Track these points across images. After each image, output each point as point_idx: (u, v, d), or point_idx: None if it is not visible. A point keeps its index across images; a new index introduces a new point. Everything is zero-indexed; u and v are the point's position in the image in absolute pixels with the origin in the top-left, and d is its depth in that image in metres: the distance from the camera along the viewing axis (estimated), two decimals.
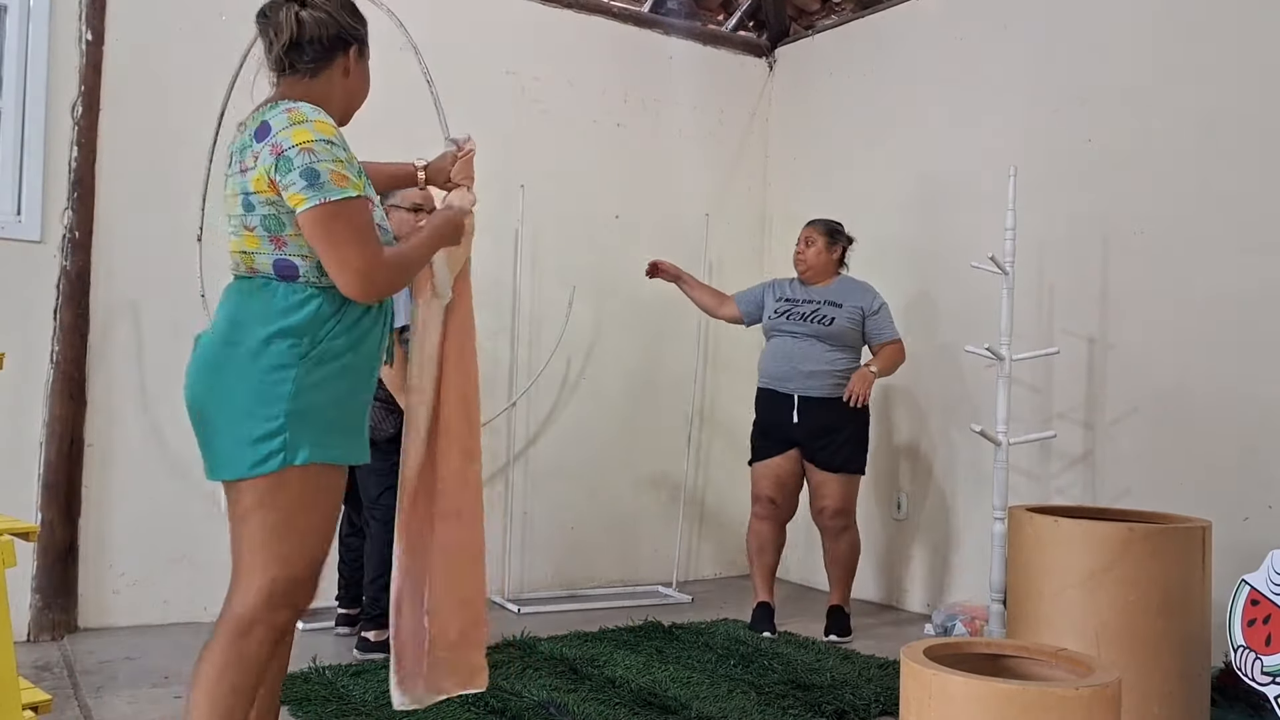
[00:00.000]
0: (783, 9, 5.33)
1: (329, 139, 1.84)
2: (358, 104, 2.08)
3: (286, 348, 1.86)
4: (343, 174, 1.84)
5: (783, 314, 3.96)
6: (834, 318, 3.88)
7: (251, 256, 1.91)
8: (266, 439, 1.84)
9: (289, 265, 1.88)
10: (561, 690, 3.03)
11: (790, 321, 3.93)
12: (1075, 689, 1.70)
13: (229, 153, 1.96)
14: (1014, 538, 2.88)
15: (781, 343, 3.95)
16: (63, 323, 3.63)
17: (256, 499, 1.89)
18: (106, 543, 3.71)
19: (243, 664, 1.88)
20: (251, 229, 1.89)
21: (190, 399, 1.94)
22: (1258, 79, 3.42)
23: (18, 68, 3.60)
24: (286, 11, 1.91)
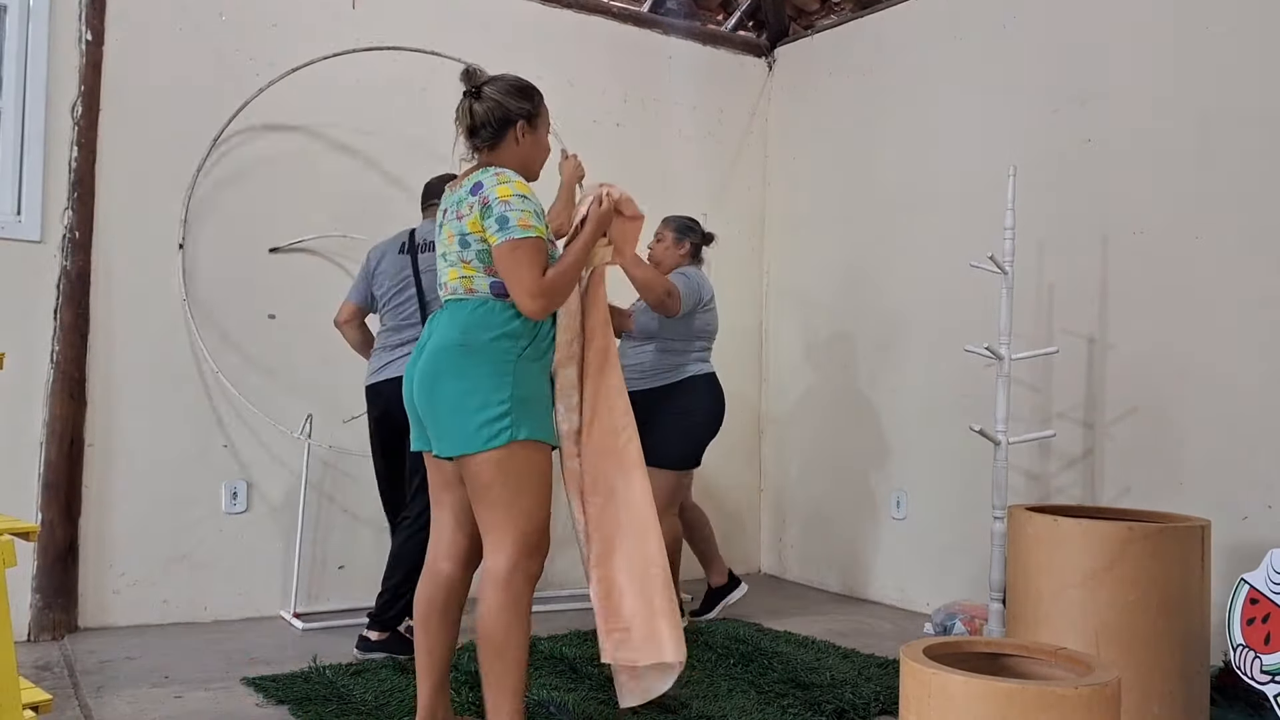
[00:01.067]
0: (782, 9, 5.33)
1: (522, 194, 2.41)
2: (535, 165, 2.60)
3: (508, 349, 2.37)
4: (527, 221, 2.37)
5: None
6: (635, 314, 3.70)
7: (470, 280, 2.42)
8: (497, 420, 2.32)
9: (502, 287, 2.40)
10: (561, 689, 3.03)
11: None
12: (1075, 688, 1.70)
13: (444, 205, 2.53)
14: (1014, 537, 2.88)
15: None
16: (63, 322, 3.63)
17: (492, 471, 2.34)
18: (107, 542, 3.71)
19: (515, 605, 2.36)
20: (468, 261, 2.42)
21: (418, 393, 2.42)
22: (1258, 79, 3.43)
23: (18, 68, 3.60)
24: (463, 104, 2.55)
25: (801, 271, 5.17)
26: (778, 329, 5.25)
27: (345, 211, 4.18)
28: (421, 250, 3.46)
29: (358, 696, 2.94)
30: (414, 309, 3.42)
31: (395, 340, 3.45)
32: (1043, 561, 2.70)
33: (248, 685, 3.07)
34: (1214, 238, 3.50)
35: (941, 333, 4.37)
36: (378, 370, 3.47)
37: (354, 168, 4.22)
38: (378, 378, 3.45)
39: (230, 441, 3.94)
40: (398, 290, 3.45)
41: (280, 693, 2.97)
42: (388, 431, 3.46)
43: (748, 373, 5.23)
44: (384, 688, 3.02)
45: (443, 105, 4.29)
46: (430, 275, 3.40)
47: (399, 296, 3.45)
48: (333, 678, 3.11)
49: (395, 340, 3.45)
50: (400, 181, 4.30)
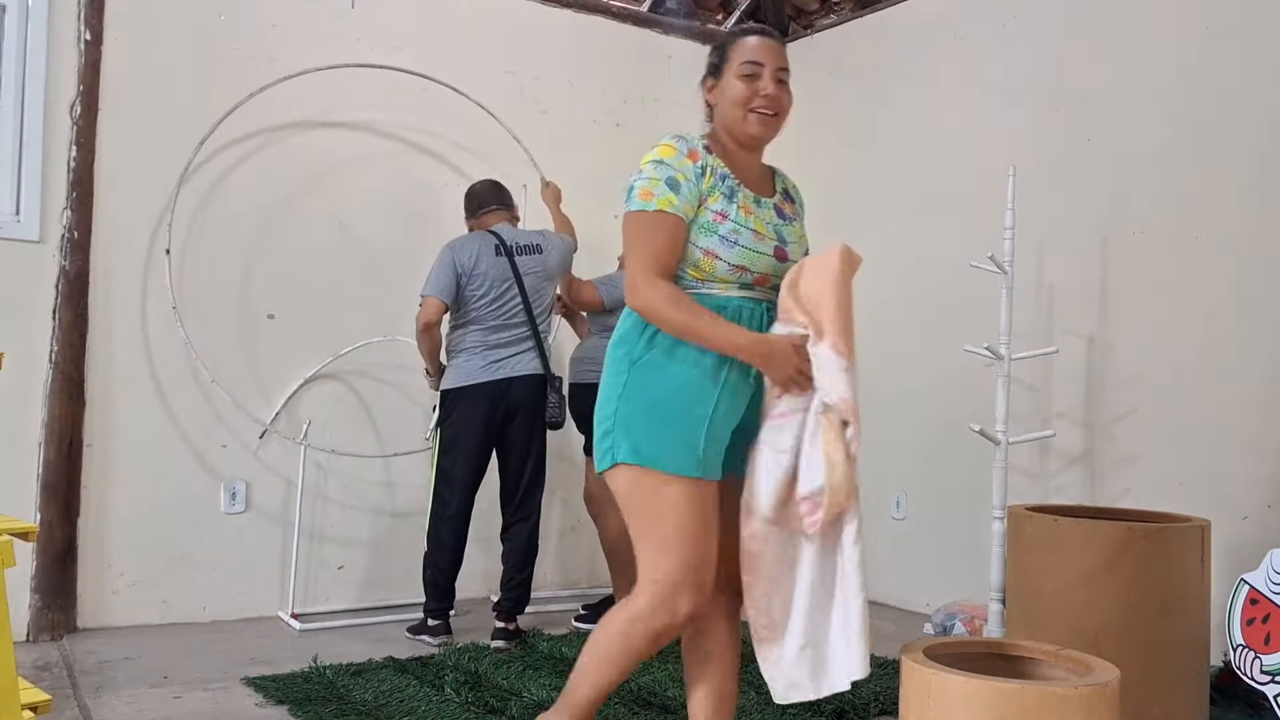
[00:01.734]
0: (781, 8, 5.33)
1: (659, 160, 2.06)
2: (729, 119, 2.16)
3: (621, 355, 2.04)
4: (649, 190, 2.00)
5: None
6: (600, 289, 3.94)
7: None
8: (604, 437, 2.02)
9: None
10: (561, 689, 3.02)
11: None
12: (1074, 688, 1.70)
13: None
14: (1014, 537, 2.88)
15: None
16: (62, 322, 3.63)
17: (618, 498, 2.03)
18: (105, 543, 3.71)
19: (620, 649, 2.01)
20: None
21: None
22: (1257, 79, 3.42)
23: (16, 68, 3.60)
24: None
25: None
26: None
27: (345, 211, 4.18)
28: (517, 254, 3.64)
29: (357, 696, 2.94)
30: (519, 307, 3.59)
31: (502, 339, 3.58)
32: (1043, 562, 2.70)
33: (247, 685, 3.07)
34: (1214, 238, 3.50)
35: (941, 333, 4.36)
36: (493, 368, 3.56)
37: (354, 168, 4.21)
38: (495, 375, 3.56)
39: (229, 442, 3.94)
40: (503, 291, 3.59)
41: (280, 693, 2.96)
42: (496, 429, 3.60)
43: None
44: (383, 688, 3.02)
45: (442, 105, 4.31)
46: (530, 278, 3.61)
47: (503, 297, 3.59)
48: (332, 678, 3.11)
49: (502, 339, 3.58)
50: (401, 181, 4.30)
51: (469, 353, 3.59)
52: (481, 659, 3.35)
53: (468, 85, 4.31)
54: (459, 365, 3.60)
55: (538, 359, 3.60)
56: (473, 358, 3.57)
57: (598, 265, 4.77)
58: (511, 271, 3.59)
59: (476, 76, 4.42)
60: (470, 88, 4.31)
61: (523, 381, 3.58)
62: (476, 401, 3.56)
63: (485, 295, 3.58)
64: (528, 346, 3.60)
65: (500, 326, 3.58)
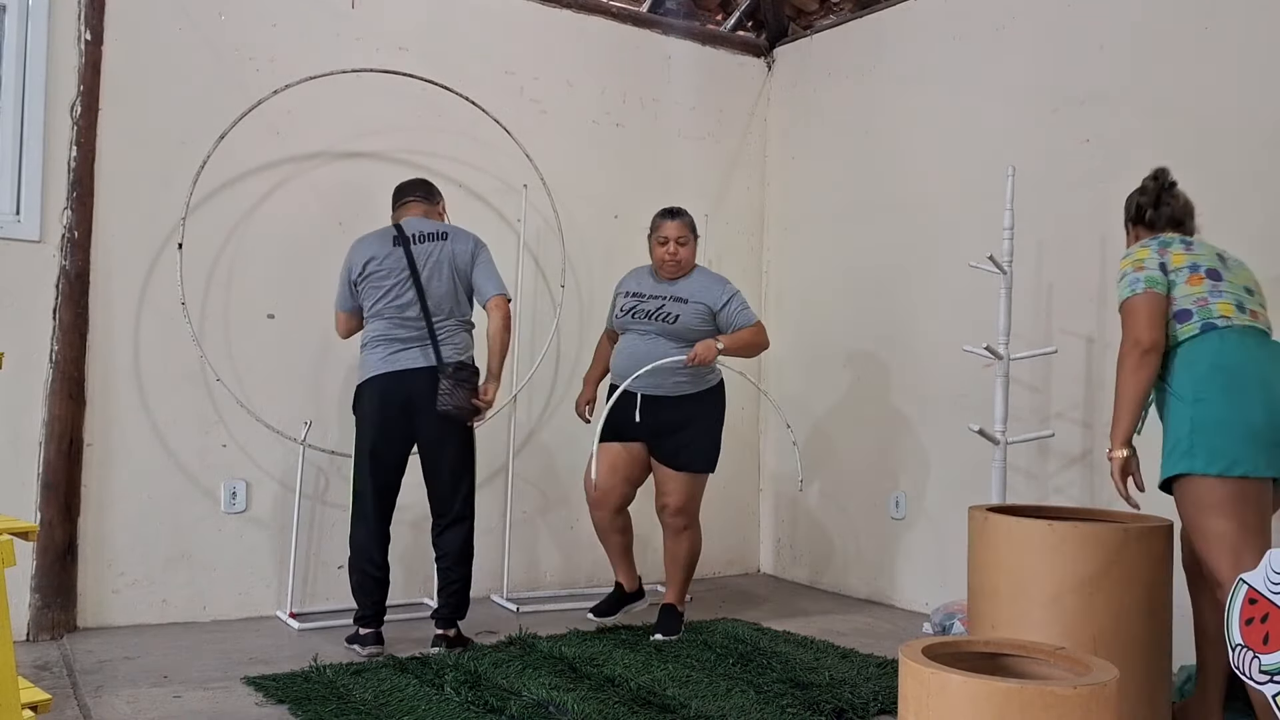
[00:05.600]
0: (781, 9, 5.33)
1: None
2: None
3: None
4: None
5: (629, 311, 3.82)
6: (678, 315, 3.73)
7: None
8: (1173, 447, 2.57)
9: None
10: (560, 689, 3.03)
11: (636, 320, 3.79)
12: (1073, 687, 1.70)
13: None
14: (1000, 541, 2.87)
15: (628, 340, 3.81)
16: (62, 322, 3.63)
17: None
18: (106, 542, 3.71)
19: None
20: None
21: None
22: (1257, 79, 3.43)
23: (16, 67, 3.60)
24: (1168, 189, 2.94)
25: (800, 271, 5.17)
26: (777, 329, 5.25)
27: (345, 212, 4.18)
28: (416, 241, 3.55)
29: (357, 696, 2.94)
30: (414, 298, 3.49)
31: (402, 334, 3.50)
32: (1035, 565, 2.69)
33: (247, 685, 3.07)
34: (1213, 237, 3.50)
35: (941, 333, 4.37)
36: (391, 359, 3.48)
37: (354, 168, 4.22)
38: (392, 367, 3.47)
39: (229, 441, 3.94)
40: (398, 281, 3.51)
41: (280, 692, 2.97)
42: (398, 425, 3.50)
43: (747, 372, 5.22)
44: (383, 687, 3.02)
45: (441, 104, 4.32)
46: (428, 267, 3.50)
47: (399, 287, 3.51)
48: (333, 677, 3.11)
49: (402, 334, 3.50)
50: (400, 180, 4.30)
51: (370, 346, 3.53)
52: (481, 659, 3.35)
53: (467, 85, 4.31)
54: (362, 359, 3.57)
55: (432, 350, 3.48)
56: (375, 350, 3.52)
57: (603, 266, 4.78)
58: (407, 261, 3.50)
59: (476, 76, 4.42)
60: (469, 87, 4.32)
61: (416, 374, 3.45)
62: (373, 395, 3.50)
63: (383, 288, 3.52)
64: (424, 338, 3.49)
65: (399, 320, 3.50)
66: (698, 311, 3.74)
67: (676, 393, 3.73)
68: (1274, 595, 2.42)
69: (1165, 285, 2.70)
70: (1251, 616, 2.47)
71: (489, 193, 4.51)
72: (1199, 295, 2.68)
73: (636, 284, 3.88)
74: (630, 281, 3.92)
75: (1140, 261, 2.74)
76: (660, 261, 3.81)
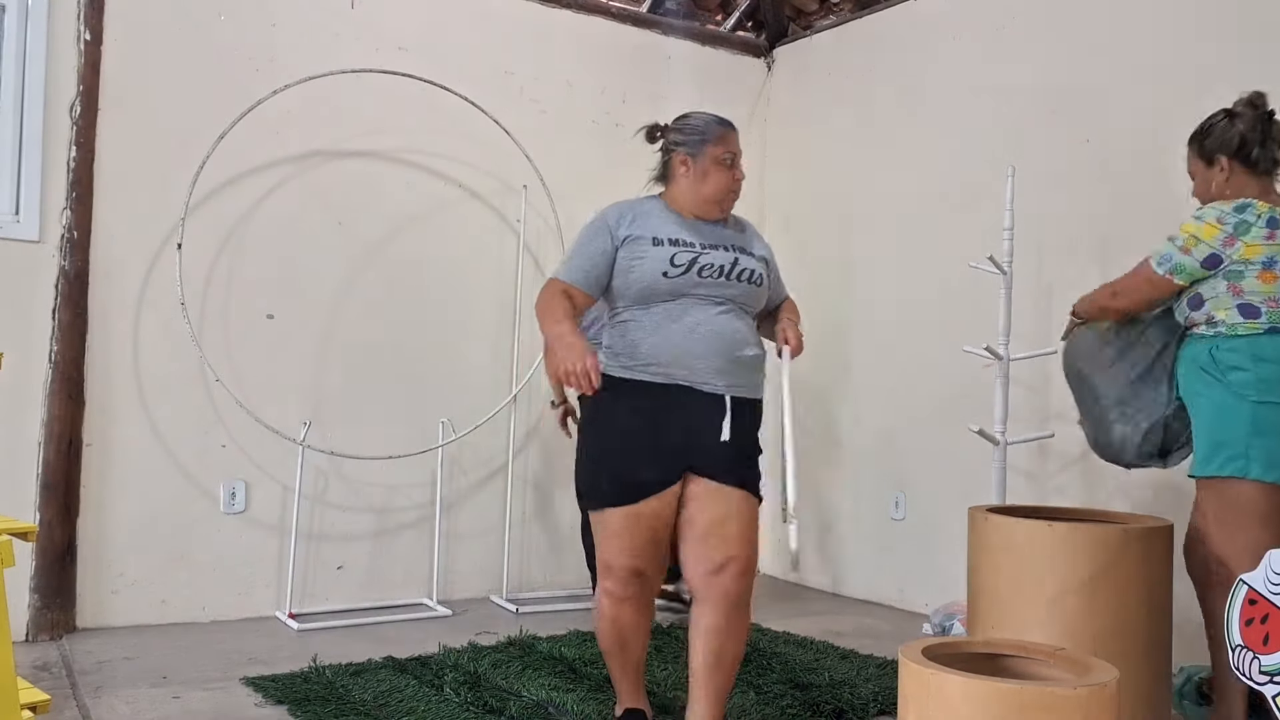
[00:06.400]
0: (781, 9, 5.33)
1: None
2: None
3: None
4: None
5: (691, 266, 2.49)
6: (760, 273, 2.60)
7: None
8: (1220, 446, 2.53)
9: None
10: (560, 690, 3.03)
11: (705, 279, 2.50)
12: (1073, 688, 1.70)
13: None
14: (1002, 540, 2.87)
15: (688, 311, 2.49)
16: (61, 322, 3.63)
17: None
18: (105, 543, 3.71)
19: None
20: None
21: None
22: (1257, 79, 3.42)
23: (16, 67, 3.60)
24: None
25: (800, 271, 5.16)
26: None
27: (345, 212, 4.18)
28: None
29: (356, 696, 2.94)
30: None
31: None
32: (1035, 566, 2.69)
33: (246, 685, 3.07)
34: None
35: (941, 333, 4.36)
36: None
37: (354, 168, 4.21)
38: None
39: (229, 441, 3.94)
40: None
41: (279, 693, 2.96)
42: None
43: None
44: (383, 688, 3.02)
45: (440, 104, 4.31)
46: None
47: None
48: (332, 678, 3.11)
49: None
50: (400, 180, 4.30)
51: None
52: (481, 659, 3.35)
53: (466, 85, 4.31)
54: None
55: None
56: None
57: None
58: None
59: (475, 76, 4.42)
60: (469, 88, 4.31)
61: None
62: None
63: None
64: None
65: None
66: (763, 268, 2.64)
67: (756, 395, 2.62)
68: (1274, 596, 2.42)
69: (1190, 278, 2.63)
70: (1251, 617, 2.47)
71: (488, 193, 4.51)
72: (1271, 294, 2.54)
73: (671, 225, 2.57)
74: (653, 220, 2.58)
75: (1197, 240, 2.61)
76: (719, 193, 2.61)
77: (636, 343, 2.50)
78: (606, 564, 2.49)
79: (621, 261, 2.52)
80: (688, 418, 2.47)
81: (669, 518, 2.48)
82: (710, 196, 2.60)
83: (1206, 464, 2.56)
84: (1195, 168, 2.74)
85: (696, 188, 2.59)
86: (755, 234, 2.77)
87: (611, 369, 2.51)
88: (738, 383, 2.51)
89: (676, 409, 2.46)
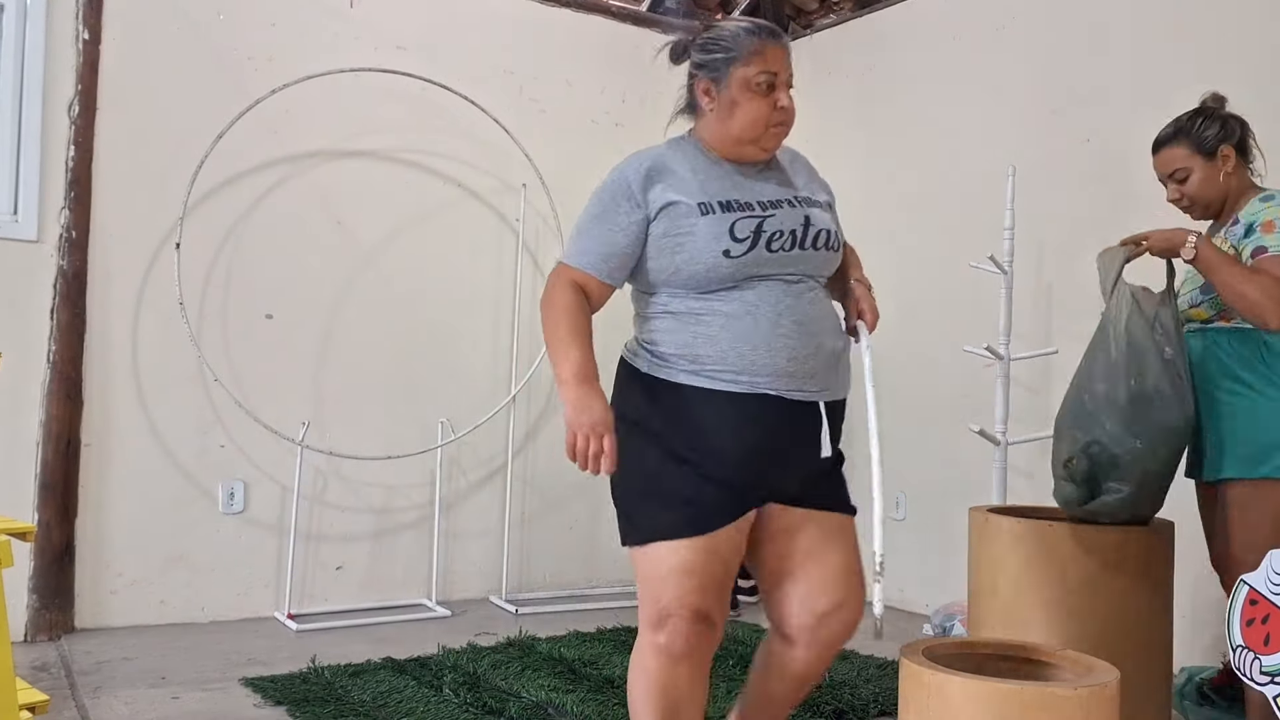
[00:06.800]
0: (781, 8, 5.32)
1: None
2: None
3: None
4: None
5: (756, 237, 1.90)
6: (833, 232, 2.07)
7: None
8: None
9: None
10: (560, 691, 3.03)
11: (775, 248, 1.92)
12: (1074, 689, 1.69)
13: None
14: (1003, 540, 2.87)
15: (764, 295, 1.93)
16: (60, 322, 3.62)
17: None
18: (104, 543, 3.70)
19: None
20: None
21: None
22: (1256, 78, 3.42)
23: (14, 66, 3.59)
24: None
25: None
26: None
27: (344, 212, 4.17)
28: None
29: (355, 697, 2.93)
30: None
31: None
32: (1038, 565, 2.69)
33: (245, 686, 3.06)
34: None
35: (941, 333, 4.36)
36: None
37: (353, 168, 4.21)
38: None
39: (227, 442, 3.93)
40: None
41: (278, 693, 2.96)
42: None
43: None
44: (382, 688, 3.02)
45: (439, 103, 4.31)
46: None
47: None
48: (331, 678, 3.10)
49: None
50: (399, 180, 4.30)
51: None
52: (480, 660, 3.35)
53: (466, 84, 4.30)
54: None
55: None
56: None
57: None
58: None
59: (475, 76, 4.41)
60: (468, 87, 4.31)
61: None
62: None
63: None
64: None
65: None
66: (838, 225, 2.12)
67: (845, 393, 2.22)
68: (1275, 596, 2.41)
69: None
70: (1252, 617, 2.46)
71: (487, 192, 4.50)
72: None
73: (715, 180, 1.98)
74: (690, 174, 1.98)
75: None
76: (752, 129, 2.01)
77: (697, 344, 1.91)
78: (663, 613, 1.91)
79: (659, 240, 1.92)
80: (773, 433, 1.93)
81: (742, 550, 2.01)
82: (742, 134, 1.98)
83: (1257, 465, 2.39)
84: (1191, 163, 2.59)
85: (724, 124, 2.00)
86: (811, 169, 2.23)
87: (661, 370, 1.96)
88: (829, 384, 2.03)
89: (756, 423, 1.92)
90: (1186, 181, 2.57)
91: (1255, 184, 2.58)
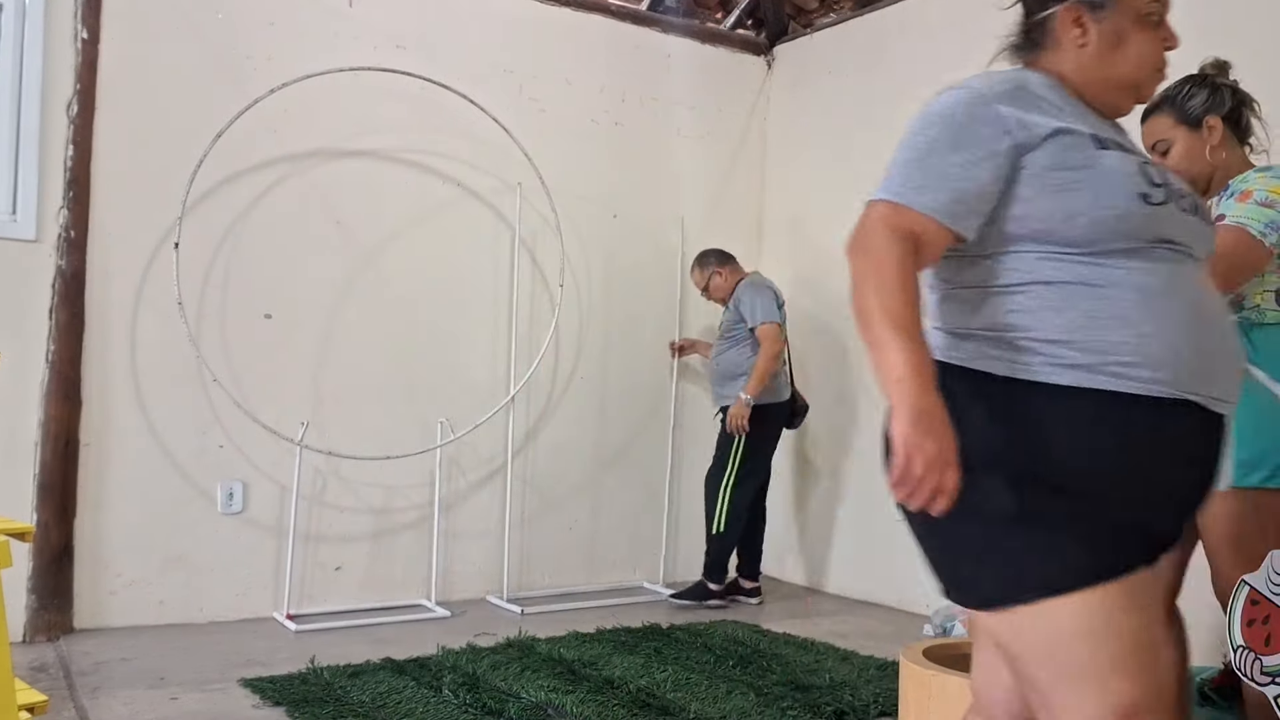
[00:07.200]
0: (781, 7, 5.32)
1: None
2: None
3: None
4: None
5: (1169, 190, 1.46)
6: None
7: None
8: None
9: None
10: (560, 691, 3.02)
11: (1187, 214, 1.47)
12: None
13: None
14: None
15: (1180, 274, 1.42)
16: (58, 322, 3.62)
17: None
18: (102, 543, 3.70)
19: None
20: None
21: None
22: (1256, 79, 3.41)
23: (13, 66, 3.59)
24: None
25: (800, 271, 5.16)
26: None
27: (343, 211, 4.16)
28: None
29: (354, 698, 2.93)
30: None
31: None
32: None
33: (244, 686, 3.05)
34: None
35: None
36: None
37: (352, 167, 4.20)
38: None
39: (226, 442, 3.93)
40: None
41: (277, 694, 2.95)
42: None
43: None
44: (381, 689, 3.01)
45: (439, 102, 4.30)
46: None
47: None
48: (330, 679, 3.10)
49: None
50: (399, 180, 4.29)
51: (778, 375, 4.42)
52: (480, 660, 3.34)
53: (466, 84, 4.30)
54: (770, 387, 4.37)
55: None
56: (779, 378, 4.45)
57: (602, 265, 4.77)
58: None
59: (474, 75, 4.41)
60: (468, 86, 4.30)
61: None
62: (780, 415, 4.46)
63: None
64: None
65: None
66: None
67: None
68: (1275, 596, 2.41)
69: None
70: (1253, 618, 2.46)
71: (487, 191, 4.50)
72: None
73: (1093, 120, 1.58)
74: (1065, 109, 1.57)
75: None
76: (1144, 71, 1.71)
77: (1095, 326, 1.36)
78: (1131, 707, 1.32)
79: (1042, 174, 1.43)
80: (1191, 454, 1.40)
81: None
82: (1127, 77, 1.62)
83: (1250, 473, 2.21)
84: (1173, 134, 2.31)
85: (1103, 61, 1.60)
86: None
87: (1029, 369, 1.39)
88: (1235, 395, 1.46)
89: (1174, 442, 1.38)
90: (1169, 154, 2.29)
91: (1251, 162, 2.36)
